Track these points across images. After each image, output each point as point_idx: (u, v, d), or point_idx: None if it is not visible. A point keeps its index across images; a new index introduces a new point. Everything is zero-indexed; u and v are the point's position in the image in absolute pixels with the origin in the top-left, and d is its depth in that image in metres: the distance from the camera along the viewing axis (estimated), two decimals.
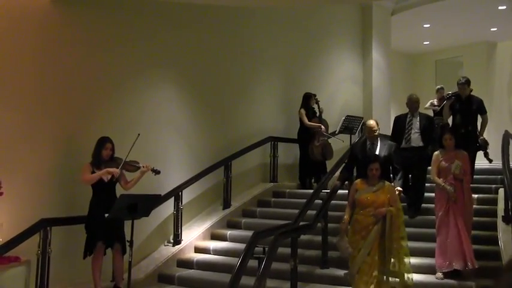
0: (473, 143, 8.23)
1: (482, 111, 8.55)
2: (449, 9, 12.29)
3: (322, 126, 9.91)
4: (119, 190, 6.65)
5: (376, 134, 6.98)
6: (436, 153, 6.81)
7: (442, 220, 6.39)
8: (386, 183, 6.08)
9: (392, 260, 5.76)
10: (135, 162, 6.75)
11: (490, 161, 8.66)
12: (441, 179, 6.54)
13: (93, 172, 6.54)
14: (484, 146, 8.47)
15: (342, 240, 6.00)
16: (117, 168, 6.56)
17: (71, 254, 6.85)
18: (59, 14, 7.10)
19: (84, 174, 6.53)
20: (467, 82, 8.46)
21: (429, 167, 7.41)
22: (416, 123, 7.94)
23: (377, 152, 6.77)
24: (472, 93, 8.57)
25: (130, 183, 6.79)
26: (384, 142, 7.02)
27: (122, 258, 6.58)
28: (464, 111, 8.39)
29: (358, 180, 6.21)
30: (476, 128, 8.43)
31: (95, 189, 6.54)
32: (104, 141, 6.64)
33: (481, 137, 8.50)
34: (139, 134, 6.64)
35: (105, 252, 6.60)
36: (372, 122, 7.08)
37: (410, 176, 7.83)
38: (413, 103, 8.07)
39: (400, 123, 8.07)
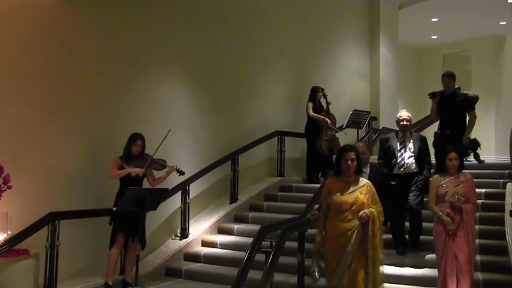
0: (459, 144, 7.13)
1: (469, 107, 7.61)
2: (458, 3, 12.24)
3: (328, 120, 9.88)
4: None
5: (366, 158, 6.05)
6: (434, 176, 5.91)
7: (442, 255, 5.56)
8: (364, 180, 5.19)
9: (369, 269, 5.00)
10: (162, 161, 6.89)
11: (480, 162, 7.83)
12: (438, 207, 5.70)
13: (121, 167, 6.65)
14: (471, 147, 7.59)
15: (312, 262, 5.26)
16: (144, 166, 6.67)
17: (79, 247, 6.89)
18: (69, 9, 7.11)
19: (112, 169, 6.65)
20: (453, 76, 7.65)
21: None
22: (409, 145, 6.86)
23: None
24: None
25: (157, 180, 6.93)
26: (374, 170, 6.17)
27: (136, 253, 6.59)
28: (450, 108, 7.55)
29: (329, 179, 5.30)
30: (465, 126, 7.61)
31: (123, 183, 6.62)
32: (134, 138, 6.75)
33: (467, 137, 7.53)
34: (169, 130, 6.78)
35: (127, 245, 6.69)
36: (361, 144, 6.22)
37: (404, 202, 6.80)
38: (404, 121, 6.93)
39: (390, 145, 6.95)
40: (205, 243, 8.23)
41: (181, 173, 7.04)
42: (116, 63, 7.68)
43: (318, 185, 8.50)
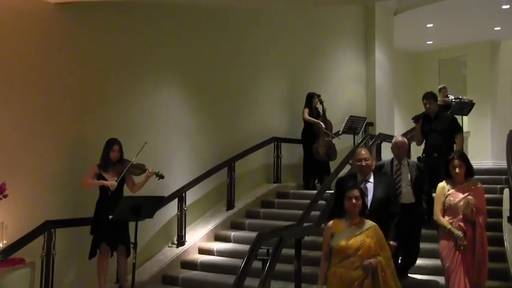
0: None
1: (456, 130, 7.34)
2: (452, 9, 12.26)
3: (322, 123, 9.87)
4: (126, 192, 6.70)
5: (369, 164, 5.41)
6: (441, 184, 5.40)
7: (452, 272, 5.11)
8: (370, 222, 4.62)
9: None
10: (142, 166, 6.76)
11: None
12: (447, 219, 5.22)
13: (99, 174, 6.56)
14: None
15: None
16: (122, 171, 6.56)
17: (75, 256, 6.87)
18: (63, 18, 7.12)
19: (86, 176, 6.57)
20: (433, 96, 7.39)
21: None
22: (406, 173, 6.24)
23: (371, 193, 5.23)
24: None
25: (136, 186, 6.81)
26: (380, 178, 5.47)
27: (126, 260, 6.58)
28: (435, 131, 7.30)
29: (332, 222, 4.68)
30: (452, 149, 7.12)
31: (102, 191, 6.55)
32: (110, 144, 6.65)
33: None
34: (146, 142, 6.68)
35: (112, 254, 6.62)
36: (362, 152, 5.49)
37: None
38: (400, 148, 6.33)
39: (385, 172, 6.23)
40: (202, 251, 8.19)
41: (161, 177, 6.83)
42: (111, 71, 7.69)
43: (315, 192, 8.49)
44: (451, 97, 11.25)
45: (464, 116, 11.25)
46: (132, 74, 7.95)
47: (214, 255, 8.05)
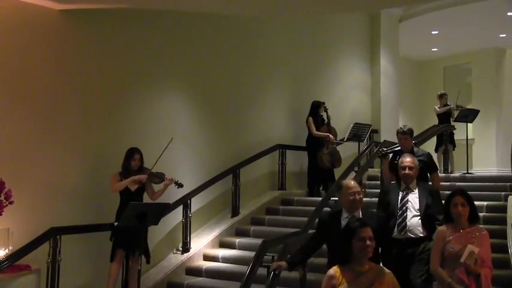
0: None
1: (432, 169, 6.45)
2: (458, 16, 12.28)
3: (331, 136, 9.89)
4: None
5: (361, 197, 4.63)
6: (440, 228, 4.49)
7: None
8: (383, 268, 3.86)
9: None
10: (161, 175, 6.89)
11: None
12: (446, 271, 4.35)
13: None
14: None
15: None
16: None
17: (81, 263, 6.89)
18: (69, 25, 7.17)
19: (112, 183, 6.68)
20: (410, 131, 6.44)
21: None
22: (414, 200, 5.14)
23: None
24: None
25: (156, 194, 6.93)
26: (367, 213, 4.69)
27: (138, 269, 6.59)
28: None
29: (334, 270, 3.75)
30: None
31: (123, 198, 6.63)
32: (132, 152, 6.78)
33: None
34: (172, 138, 6.85)
35: (128, 261, 6.68)
36: (352, 183, 4.68)
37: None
38: (405, 169, 5.23)
39: (389, 200, 5.28)
40: (207, 257, 8.21)
41: (180, 186, 6.99)
42: (117, 80, 7.73)
43: (320, 198, 8.50)
44: (452, 105, 11.25)
45: (469, 123, 11.26)
46: (138, 83, 7.99)
47: (219, 261, 8.07)
